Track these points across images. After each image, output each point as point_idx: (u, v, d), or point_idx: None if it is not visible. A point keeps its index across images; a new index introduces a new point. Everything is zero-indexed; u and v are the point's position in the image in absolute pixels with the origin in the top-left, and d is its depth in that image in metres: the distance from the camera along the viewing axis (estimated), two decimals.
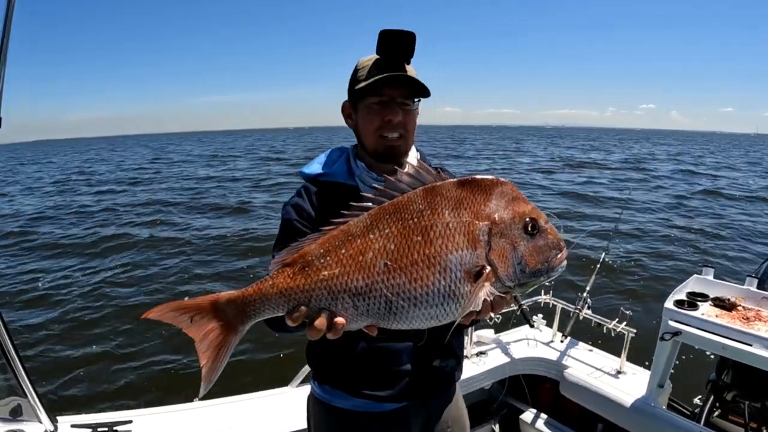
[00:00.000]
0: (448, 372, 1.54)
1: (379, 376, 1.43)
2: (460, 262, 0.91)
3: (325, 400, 1.53)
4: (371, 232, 0.94)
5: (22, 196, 21.48)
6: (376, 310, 0.93)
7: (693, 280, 2.66)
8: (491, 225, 0.93)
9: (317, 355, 1.53)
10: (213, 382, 0.99)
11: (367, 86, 1.30)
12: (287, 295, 0.95)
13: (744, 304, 2.46)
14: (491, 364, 3.03)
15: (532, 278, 0.94)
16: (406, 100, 1.34)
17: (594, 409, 2.80)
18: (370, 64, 1.33)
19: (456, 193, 0.95)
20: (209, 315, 0.98)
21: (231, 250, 10.34)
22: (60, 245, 11.58)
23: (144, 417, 2.33)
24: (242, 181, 23.09)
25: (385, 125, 1.33)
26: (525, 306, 3.19)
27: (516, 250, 0.93)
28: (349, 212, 0.98)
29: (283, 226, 1.40)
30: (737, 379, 2.49)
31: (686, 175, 24.97)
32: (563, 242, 0.96)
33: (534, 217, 0.94)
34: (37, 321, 6.78)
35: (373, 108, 1.34)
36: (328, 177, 1.44)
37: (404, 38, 1.29)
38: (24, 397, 1.99)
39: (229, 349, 0.99)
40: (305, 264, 0.95)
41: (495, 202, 0.95)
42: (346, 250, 0.94)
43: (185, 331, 0.98)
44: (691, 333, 2.32)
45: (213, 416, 2.41)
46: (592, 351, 3.19)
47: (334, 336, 0.95)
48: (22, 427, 2.01)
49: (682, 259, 9.38)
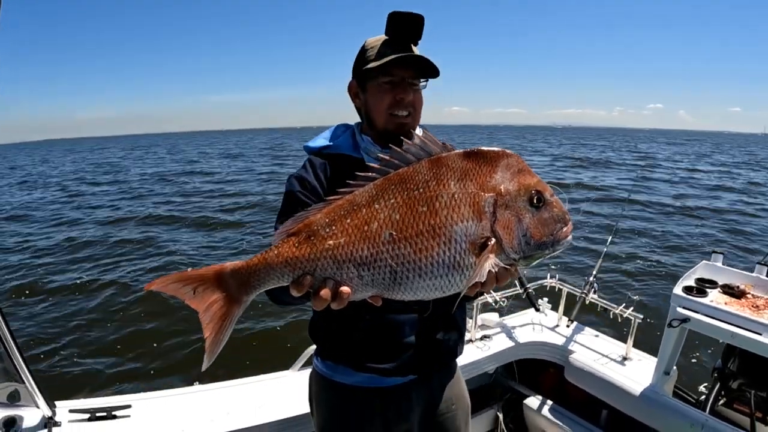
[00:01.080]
0: (451, 345, 1.55)
1: (383, 349, 1.44)
2: (465, 233, 0.91)
3: (327, 375, 1.54)
4: (376, 202, 0.94)
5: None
6: (381, 280, 0.94)
7: (702, 267, 2.62)
8: (497, 196, 0.93)
9: (321, 330, 1.53)
10: (216, 355, 0.99)
11: (378, 66, 1.32)
12: (292, 264, 0.95)
13: (753, 292, 2.43)
14: (495, 348, 3.01)
15: (536, 251, 0.94)
16: (414, 81, 1.36)
17: (599, 395, 2.78)
18: (378, 44, 1.35)
19: (462, 164, 0.95)
20: (213, 286, 0.97)
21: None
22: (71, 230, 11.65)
23: (143, 401, 2.32)
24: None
25: (396, 104, 1.35)
26: (530, 289, 3.16)
27: (521, 223, 0.93)
28: (354, 182, 0.98)
29: (286, 197, 1.40)
30: (743, 368, 2.46)
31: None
32: (569, 215, 0.96)
33: (540, 190, 0.94)
34: (34, 307, 6.83)
35: (383, 87, 1.36)
36: (332, 149, 1.46)
37: (413, 20, 1.31)
38: (21, 383, 1.97)
39: (232, 320, 0.98)
40: (310, 233, 0.96)
41: (501, 173, 0.94)
42: (352, 220, 0.94)
43: (188, 303, 0.97)
44: (699, 320, 2.29)
45: (212, 400, 2.40)
46: (598, 336, 3.16)
47: (339, 306, 0.96)
48: (19, 413, 2.00)
49: (691, 244, 9.32)
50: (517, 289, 3.16)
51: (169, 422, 2.21)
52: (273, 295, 1.22)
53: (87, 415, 2.13)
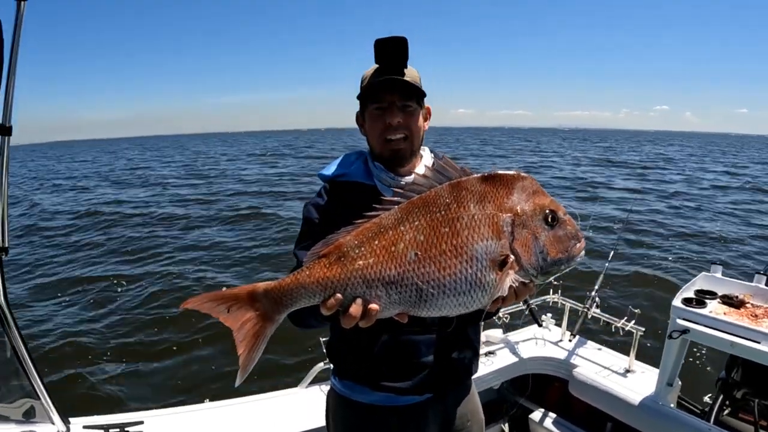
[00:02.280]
0: (467, 363, 1.57)
1: (399, 368, 1.46)
2: (485, 252, 0.97)
3: (344, 394, 1.56)
4: (402, 224, 1.00)
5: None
6: (407, 298, 0.99)
7: (701, 278, 2.66)
8: (514, 216, 0.99)
9: (339, 350, 1.56)
10: (249, 371, 1.03)
11: (366, 94, 1.40)
12: (324, 284, 1.00)
13: (752, 302, 2.46)
14: (500, 363, 3.03)
15: (553, 267, 0.99)
16: (406, 102, 1.41)
17: (603, 408, 2.79)
18: (371, 73, 1.42)
19: (480, 187, 1.01)
20: (246, 305, 1.01)
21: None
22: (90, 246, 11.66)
23: (155, 418, 2.35)
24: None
25: (387, 128, 1.40)
26: (533, 305, 3.20)
27: (538, 240, 0.98)
28: (380, 206, 1.04)
29: (305, 224, 1.46)
30: (747, 377, 2.48)
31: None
32: (581, 233, 1.02)
33: (553, 209, 1.00)
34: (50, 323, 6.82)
35: (374, 113, 1.42)
36: (346, 177, 1.49)
37: (396, 43, 1.37)
38: (37, 399, 2.00)
39: (265, 338, 1.03)
40: (341, 255, 1.00)
41: (517, 195, 1.00)
42: (379, 241, 0.99)
43: (222, 321, 1.02)
44: (699, 331, 2.33)
45: (223, 417, 2.42)
46: (601, 350, 3.19)
47: (367, 323, 1.01)
48: (35, 429, 2.03)
49: (691, 256, 9.32)
50: (520, 306, 3.20)
51: None
52: (298, 319, 1.26)
53: (101, 431, 2.17)
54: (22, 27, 1.58)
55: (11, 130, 1.69)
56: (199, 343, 5.81)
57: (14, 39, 1.57)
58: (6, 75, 1.57)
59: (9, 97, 1.62)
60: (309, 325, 1.30)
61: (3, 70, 1.55)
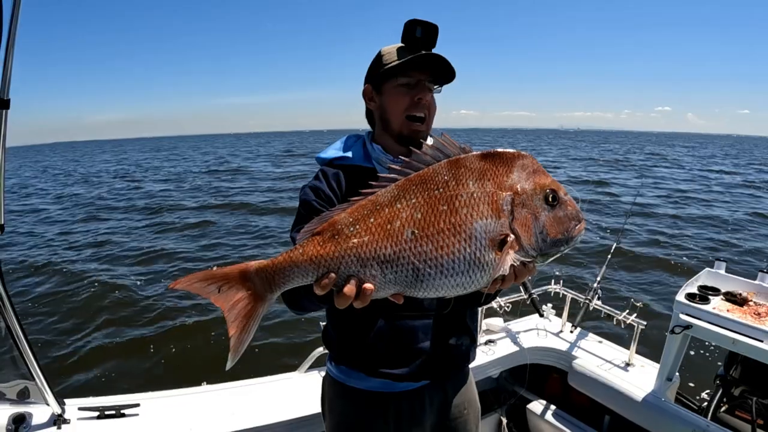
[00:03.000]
0: (464, 350, 1.56)
1: (396, 355, 1.44)
2: (484, 230, 0.95)
3: (340, 380, 1.55)
4: (398, 201, 0.98)
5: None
6: (403, 278, 0.96)
7: (705, 274, 2.63)
8: (514, 195, 0.97)
9: (335, 335, 1.54)
10: (241, 353, 1.00)
11: (398, 65, 1.34)
12: (317, 262, 0.98)
13: (756, 300, 2.44)
14: (500, 352, 3.02)
15: (553, 248, 0.97)
16: (430, 84, 1.40)
17: (602, 401, 2.79)
18: (395, 50, 1.38)
19: (479, 165, 0.99)
20: (238, 284, 0.99)
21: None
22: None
23: (151, 400, 2.34)
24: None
25: (415, 104, 1.37)
26: (535, 295, 3.18)
27: (538, 220, 0.96)
28: (376, 183, 1.01)
29: (302, 206, 1.42)
30: (746, 375, 2.47)
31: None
32: (581, 213, 1.00)
33: (554, 189, 0.98)
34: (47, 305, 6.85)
35: (401, 89, 1.38)
36: (344, 160, 1.47)
37: (429, 28, 1.35)
38: (32, 380, 1.99)
39: (257, 318, 1.00)
40: (335, 232, 0.98)
41: (517, 173, 0.98)
42: (375, 219, 0.97)
43: (213, 301, 0.99)
44: (701, 327, 2.31)
45: (220, 400, 2.42)
46: (602, 342, 3.17)
47: (362, 304, 0.98)
48: (29, 410, 2.02)
49: (695, 251, 9.29)
50: (521, 295, 3.18)
51: (177, 422, 2.23)
52: (292, 301, 1.24)
53: (96, 413, 2.15)
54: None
55: (9, 103, 1.65)
56: (197, 326, 5.85)
57: (14, 10, 1.52)
58: (5, 46, 1.52)
59: (7, 70, 1.58)
60: (304, 307, 1.27)
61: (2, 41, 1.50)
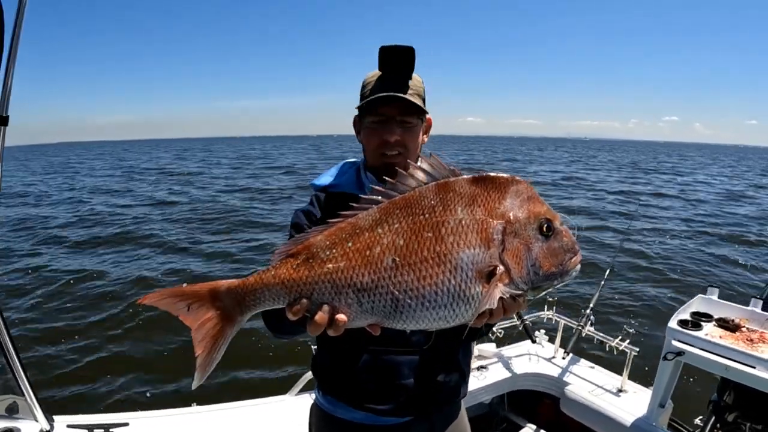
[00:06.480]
0: (452, 387, 1.50)
1: (380, 390, 1.40)
2: (472, 261, 0.88)
3: (327, 410, 1.51)
4: (380, 226, 0.91)
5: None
6: (381, 308, 0.90)
7: (697, 300, 2.64)
8: (506, 224, 0.90)
9: (321, 366, 1.52)
10: (208, 373, 0.96)
11: (365, 107, 1.31)
12: (288, 286, 0.92)
13: (748, 326, 2.44)
14: (492, 378, 3.00)
15: (545, 281, 0.91)
16: (405, 118, 1.32)
17: (594, 427, 2.76)
18: (373, 80, 1.33)
19: (470, 189, 0.92)
20: (207, 303, 0.94)
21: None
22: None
23: (141, 420, 2.32)
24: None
25: (383, 144, 1.32)
26: (527, 321, 3.17)
27: (530, 252, 0.90)
28: (358, 205, 0.95)
29: (293, 228, 1.40)
30: (739, 401, 2.46)
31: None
32: (578, 246, 0.94)
33: (549, 218, 0.92)
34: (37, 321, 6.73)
35: (371, 127, 1.34)
36: (337, 188, 1.44)
37: (404, 53, 1.29)
38: (21, 396, 1.98)
39: (225, 339, 0.96)
40: (310, 255, 0.92)
41: (510, 200, 0.91)
42: (353, 244, 0.91)
43: (181, 319, 0.95)
44: (694, 353, 2.31)
45: (210, 422, 2.39)
46: (594, 368, 3.16)
47: (335, 333, 0.92)
48: (18, 425, 2.00)
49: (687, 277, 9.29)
50: (514, 321, 3.18)
51: None
52: (271, 324, 1.21)
53: (85, 431, 2.13)
54: (24, 13, 1.55)
55: (8, 120, 1.66)
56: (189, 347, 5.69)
57: (15, 27, 1.54)
58: (5, 64, 1.53)
59: (7, 86, 1.59)
60: (283, 331, 1.22)
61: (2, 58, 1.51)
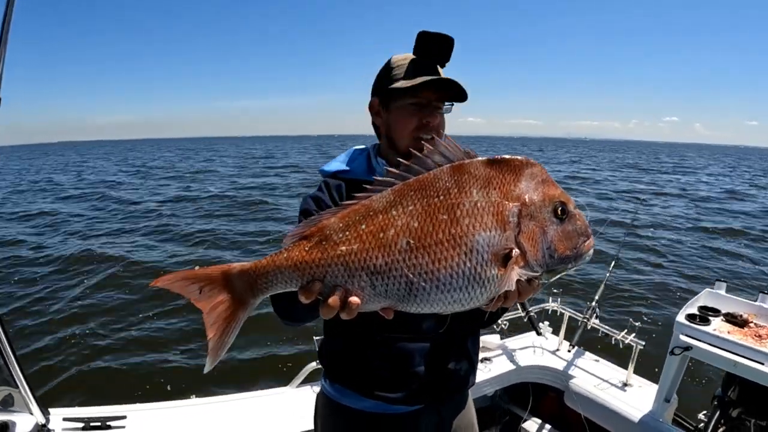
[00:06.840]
0: (462, 375, 1.50)
1: (391, 378, 1.40)
2: (488, 243, 0.87)
3: (334, 398, 1.50)
4: (394, 208, 0.90)
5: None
6: (395, 291, 0.89)
7: (705, 294, 2.61)
8: (521, 206, 0.89)
9: (330, 353, 1.50)
10: (220, 357, 0.95)
11: (407, 87, 1.29)
12: (301, 268, 0.91)
13: (756, 321, 2.42)
14: (496, 370, 2.98)
15: (560, 264, 0.90)
16: (440, 104, 1.34)
17: (598, 421, 2.74)
18: (406, 63, 1.33)
19: (485, 171, 0.91)
20: (219, 286, 0.93)
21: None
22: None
23: (138, 413, 2.29)
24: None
25: (423, 127, 1.32)
26: (532, 312, 3.14)
27: (546, 235, 0.89)
28: (372, 187, 0.95)
29: (302, 215, 1.38)
30: (744, 396, 2.44)
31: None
32: (590, 229, 0.93)
33: (564, 201, 0.91)
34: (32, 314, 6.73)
35: (409, 109, 1.33)
36: (347, 174, 1.43)
37: (444, 41, 1.29)
38: (16, 388, 1.94)
39: (238, 323, 0.95)
40: (323, 237, 0.92)
41: (525, 183, 0.91)
42: (367, 226, 0.90)
43: (193, 302, 0.94)
44: (702, 348, 2.28)
45: (209, 414, 2.37)
46: (599, 362, 3.13)
47: (348, 316, 0.91)
48: (12, 418, 1.97)
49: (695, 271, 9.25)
50: (518, 312, 3.15)
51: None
52: (282, 309, 1.20)
53: (81, 425, 2.10)
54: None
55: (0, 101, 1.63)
56: (187, 337, 5.72)
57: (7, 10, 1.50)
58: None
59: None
60: (292, 315, 1.21)
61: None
